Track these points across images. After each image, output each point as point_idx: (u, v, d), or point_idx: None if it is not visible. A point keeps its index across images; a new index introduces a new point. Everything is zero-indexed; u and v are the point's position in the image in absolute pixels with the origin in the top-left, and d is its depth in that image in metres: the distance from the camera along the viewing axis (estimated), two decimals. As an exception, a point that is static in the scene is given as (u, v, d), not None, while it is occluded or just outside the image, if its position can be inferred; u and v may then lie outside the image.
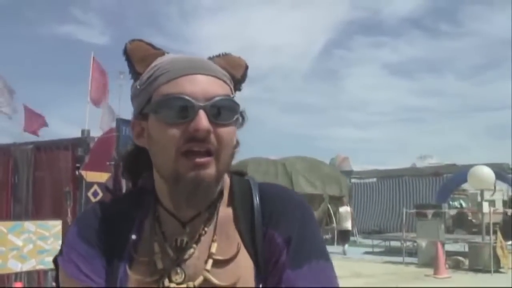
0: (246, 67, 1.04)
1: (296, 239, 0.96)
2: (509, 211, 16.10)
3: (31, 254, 5.42)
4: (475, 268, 13.51)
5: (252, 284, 0.95)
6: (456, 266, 13.91)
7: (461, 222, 20.45)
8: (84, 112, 8.31)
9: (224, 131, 0.93)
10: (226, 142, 0.93)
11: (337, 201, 21.50)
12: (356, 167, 30.63)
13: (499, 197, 21.00)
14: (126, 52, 0.99)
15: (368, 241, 20.35)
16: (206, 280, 0.95)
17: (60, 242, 5.72)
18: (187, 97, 0.90)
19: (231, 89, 0.99)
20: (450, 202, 20.66)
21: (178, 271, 0.95)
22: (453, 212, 18.72)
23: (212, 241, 0.98)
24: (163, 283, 0.95)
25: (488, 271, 12.83)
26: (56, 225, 5.75)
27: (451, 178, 20.49)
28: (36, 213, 7.10)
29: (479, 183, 15.03)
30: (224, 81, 0.97)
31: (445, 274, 12.46)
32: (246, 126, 1.03)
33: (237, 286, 0.94)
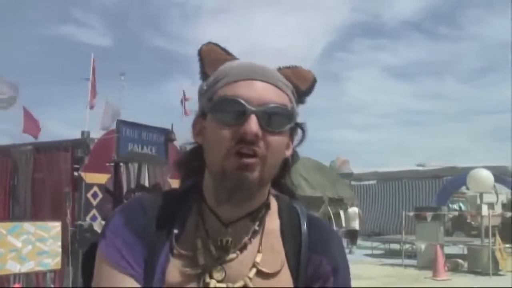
0: (314, 81, 1.08)
1: (342, 270, 1.05)
2: (508, 214, 16.09)
3: (30, 255, 5.42)
4: (474, 271, 13.51)
5: None
6: (455, 269, 13.91)
7: (460, 225, 20.43)
8: (84, 114, 8.29)
9: (274, 138, 0.95)
10: (274, 149, 0.96)
11: (337, 203, 21.50)
12: (356, 170, 30.59)
13: (498, 200, 20.98)
14: (200, 53, 1.05)
15: (368, 243, 20.35)
16: (245, 286, 0.97)
17: (59, 243, 5.73)
18: (241, 100, 0.93)
19: (290, 99, 1.01)
20: (450, 205, 20.65)
21: (219, 269, 0.98)
22: (452, 214, 18.69)
23: (258, 251, 1.01)
24: (204, 279, 0.97)
25: (487, 274, 12.82)
26: (55, 227, 5.75)
27: (451, 181, 20.49)
28: (35, 214, 7.09)
29: (478, 186, 15.04)
30: (283, 91, 1.00)
31: (444, 277, 12.45)
32: None
33: None
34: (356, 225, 19.02)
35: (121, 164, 9.51)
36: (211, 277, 0.97)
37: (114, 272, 0.96)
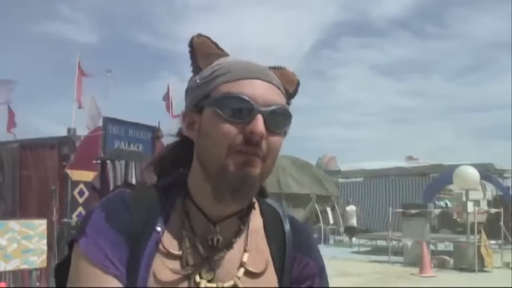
0: (298, 84, 1.08)
1: (325, 271, 1.10)
2: (493, 211, 16.26)
3: (15, 253, 5.37)
4: (459, 267, 13.65)
5: None
6: (441, 265, 14.03)
7: (446, 222, 20.62)
8: (70, 111, 8.26)
9: (275, 139, 0.95)
10: (274, 150, 0.96)
11: (323, 200, 21.61)
12: (343, 167, 30.72)
13: (483, 197, 21.20)
14: (192, 45, 1.02)
15: (354, 240, 20.48)
16: (235, 286, 0.97)
17: (45, 241, 5.67)
18: (248, 99, 0.92)
19: (285, 100, 1.02)
20: (436, 202, 20.82)
21: (209, 269, 0.97)
22: (438, 211, 18.86)
23: (245, 250, 1.01)
24: (194, 279, 0.96)
25: (473, 270, 12.97)
26: (41, 224, 5.70)
27: (437, 178, 20.68)
28: (22, 212, 7.03)
29: (464, 183, 15.18)
30: (281, 91, 1.00)
31: (430, 273, 12.56)
32: None
33: None
34: (354, 222, 20.75)
35: (108, 161, 9.47)
36: (200, 277, 0.96)
37: (97, 272, 0.91)
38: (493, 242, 14.39)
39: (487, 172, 19.27)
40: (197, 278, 0.96)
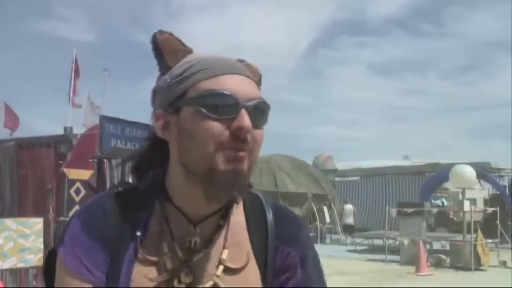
0: (261, 76, 1.06)
1: (310, 260, 1.04)
2: (489, 210, 16.30)
3: (11, 252, 5.36)
4: (456, 266, 13.66)
5: None
6: (438, 264, 14.05)
7: (443, 221, 20.63)
8: (67, 109, 8.25)
9: (259, 133, 0.94)
10: (258, 143, 0.95)
11: (320, 199, 21.63)
12: (339, 166, 30.74)
13: (480, 196, 21.25)
14: (155, 43, 0.99)
15: (351, 239, 20.50)
16: (215, 285, 0.96)
17: (41, 239, 5.67)
18: (232, 95, 0.91)
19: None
20: (433, 201, 20.86)
21: (187, 272, 0.96)
22: (435, 210, 18.88)
23: (224, 247, 0.99)
24: (172, 284, 0.94)
25: (469, 269, 12.98)
26: (37, 223, 5.70)
27: (434, 177, 20.69)
28: (18, 211, 7.03)
29: (460, 182, 15.18)
30: (258, 85, 1.00)
31: (426, 272, 12.58)
32: None
33: None
34: (351, 220, 21.47)
35: (105, 160, 9.47)
36: (179, 281, 0.95)
37: (74, 279, 0.93)
38: (489, 241, 14.41)
39: (484, 171, 19.30)
40: (176, 283, 0.94)
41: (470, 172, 14.90)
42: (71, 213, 6.77)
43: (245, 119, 0.90)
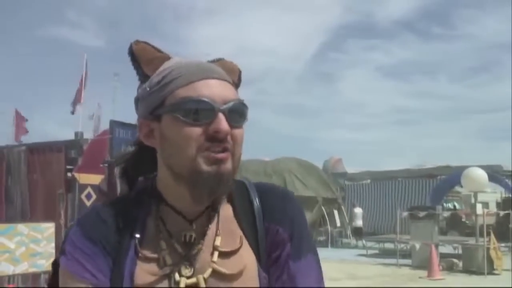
0: (240, 72, 1.11)
1: (297, 234, 1.06)
2: (502, 213, 16.15)
3: (23, 257, 5.39)
4: (468, 270, 13.55)
5: (256, 274, 1.01)
6: (450, 268, 13.95)
7: (454, 224, 20.51)
8: (78, 115, 8.30)
9: (238, 132, 0.99)
10: (239, 142, 0.99)
11: (330, 203, 21.58)
12: (350, 169, 30.64)
13: (492, 199, 21.10)
14: (132, 53, 1.03)
15: (362, 243, 20.41)
16: (214, 271, 0.99)
17: (53, 244, 5.69)
18: (207, 100, 0.95)
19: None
20: (444, 204, 20.72)
21: (187, 265, 0.99)
22: (446, 213, 18.76)
23: (216, 235, 1.02)
24: (174, 278, 0.98)
25: (482, 273, 12.86)
26: (49, 228, 5.72)
27: (445, 180, 20.55)
28: (29, 216, 7.06)
29: (472, 185, 15.08)
30: (232, 85, 1.03)
31: (438, 276, 12.49)
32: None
33: (244, 274, 1.00)
34: (360, 223, 21.63)
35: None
36: (180, 275, 0.98)
37: (79, 285, 0.96)
38: (502, 244, 14.29)
39: (496, 174, 19.15)
40: (177, 277, 0.98)
41: (482, 175, 14.79)
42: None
43: (222, 122, 0.94)
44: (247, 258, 1.02)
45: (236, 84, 1.08)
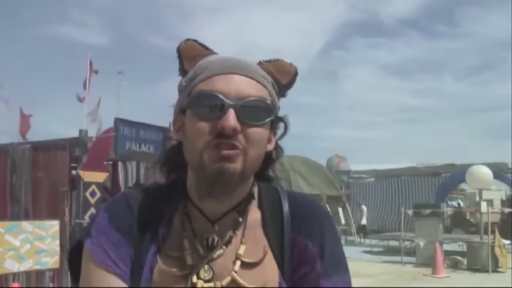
0: (296, 74, 1.06)
1: (329, 250, 1.01)
2: (507, 211, 16.11)
3: (28, 254, 5.40)
4: (473, 268, 13.53)
5: None
6: (454, 266, 13.92)
7: (459, 222, 20.44)
8: (82, 112, 8.29)
9: (253, 131, 0.95)
10: (254, 141, 0.95)
11: (334, 201, 21.55)
12: (354, 167, 30.61)
13: (497, 197, 21.02)
14: (178, 50, 1.04)
15: (367, 241, 20.40)
16: (233, 280, 0.97)
17: (57, 242, 5.71)
18: (219, 95, 0.93)
19: (270, 92, 1.01)
20: (449, 202, 20.66)
21: (207, 268, 0.97)
22: (451, 211, 18.71)
23: (241, 243, 1.00)
24: (191, 279, 0.96)
25: (486, 271, 12.85)
26: (53, 225, 5.74)
27: (449, 178, 20.52)
28: (34, 213, 7.08)
29: (477, 183, 15.04)
30: (262, 84, 0.99)
31: (443, 274, 12.46)
32: None
33: None
34: (364, 221, 22.64)
35: (119, 162, 9.51)
36: (198, 277, 0.97)
37: (101, 272, 0.96)
38: (507, 242, 14.25)
39: (500, 172, 19.09)
40: (194, 279, 0.96)
41: (486, 172, 14.76)
42: (86, 216, 6.84)
43: (228, 119, 0.91)
44: (269, 272, 0.99)
45: (284, 86, 1.05)
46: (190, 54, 1.03)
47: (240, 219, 1.02)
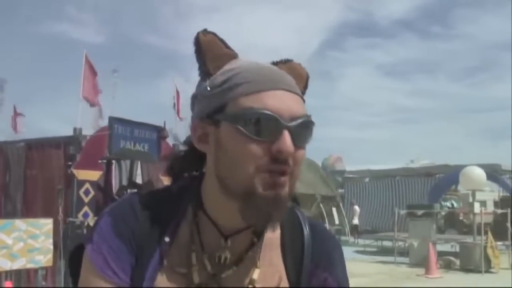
0: (307, 77, 0.99)
1: (345, 285, 1.00)
2: (499, 212, 16.17)
3: (21, 252, 5.39)
4: (466, 268, 13.56)
5: None
6: (447, 266, 13.96)
7: (452, 222, 20.51)
8: (76, 111, 8.26)
9: (301, 153, 0.88)
10: (299, 163, 0.88)
11: (329, 201, 21.57)
12: (349, 167, 30.66)
13: (490, 198, 21.11)
14: (198, 45, 0.91)
15: (360, 241, 20.42)
16: None
17: (51, 240, 5.70)
18: (273, 114, 0.84)
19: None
20: (442, 202, 20.72)
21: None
22: (444, 212, 18.77)
23: (256, 267, 0.94)
24: None
25: (479, 271, 12.88)
26: (47, 224, 5.72)
27: (443, 178, 20.57)
28: (28, 212, 7.06)
29: (470, 184, 15.09)
30: (302, 98, 0.92)
31: (436, 274, 12.49)
32: None
33: None
34: (357, 221, 22.54)
35: (113, 161, 9.48)
36: None
37: (99, 281, 0.90)
38: (500, 243, 14.30)
39: (494, 173, 19.16)
40: None
41: (480, 173, 14.80)
42: (80, 214, 6.82)
43: (286, 142, 0.83)
44: None
45: (303, 93, 0.95)
46: (213, 53, 0.91)
47: (256, 239, 0.95)
